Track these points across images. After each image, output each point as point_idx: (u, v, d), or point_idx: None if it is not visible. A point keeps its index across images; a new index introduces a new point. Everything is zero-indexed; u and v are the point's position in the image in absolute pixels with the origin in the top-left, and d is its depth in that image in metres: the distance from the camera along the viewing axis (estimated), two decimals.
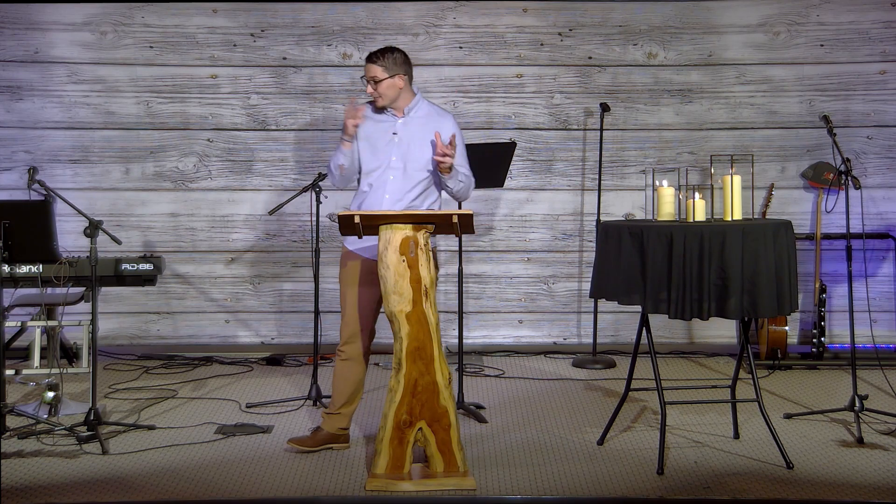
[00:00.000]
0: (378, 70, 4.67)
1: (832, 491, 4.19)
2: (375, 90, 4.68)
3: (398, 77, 4.67)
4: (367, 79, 4.71)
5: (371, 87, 4.70)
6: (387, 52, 4.70)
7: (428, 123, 4.66)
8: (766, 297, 4.35)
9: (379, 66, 4.68)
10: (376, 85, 4.67)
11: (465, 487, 4.19)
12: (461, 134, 4.70)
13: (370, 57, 4.73)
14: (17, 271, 5.33)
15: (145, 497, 4.16)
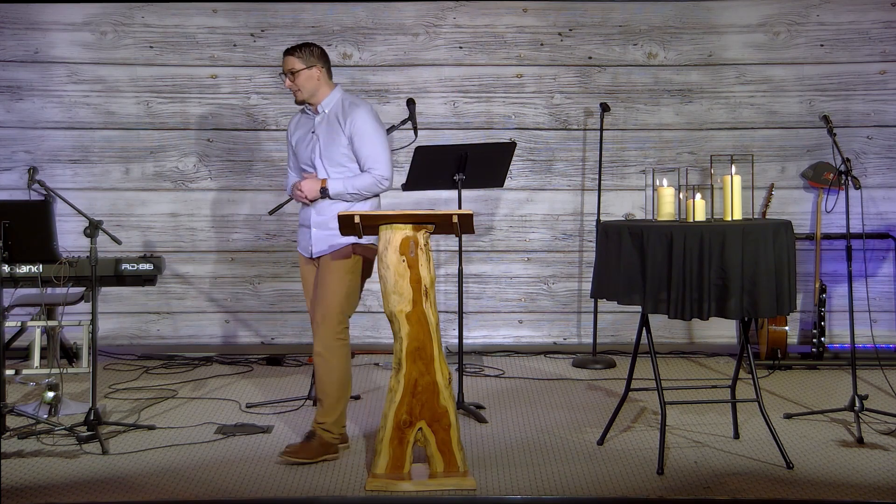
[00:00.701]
0: (295, 62, 4.65)
1: (832, 491, 4.19)
2: (293, 82, 4.64)
3: (315, 69, 4.65)
4: (285, 71, 4.67)
5: (289, 79, 4.66)
6: (304, 45, 4.70)
7: (338, 118, 4.66)
8: (766, 297, 4.35)
9: (296, 58, 4.65)
10: (294, 76, 4.64)
11: (465, 487, 4.19)
12: (371, 124, 4.64)
13: (288, 50, 4.70)
14: (17, 271, 5.33)
15: (145, 497, 4.16)
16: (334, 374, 4.61)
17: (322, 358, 4.61)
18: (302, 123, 4.79)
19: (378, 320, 6.81)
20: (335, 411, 4.64)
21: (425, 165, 5.35)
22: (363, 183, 4.63)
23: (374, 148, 4.63)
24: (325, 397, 4.63)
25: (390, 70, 6.76)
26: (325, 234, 4.67)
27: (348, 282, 4.65)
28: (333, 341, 4.61)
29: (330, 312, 4.60)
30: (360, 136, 4.63)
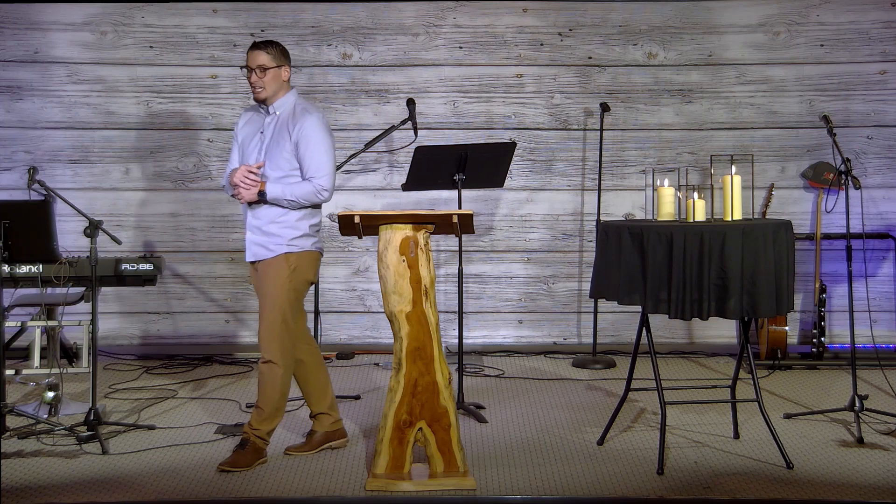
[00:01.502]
0: (266, 58, 4.52)
1: (832, 491, 4.19)
2: (261, 79, 4.51)
3: (284, 68, 4.57)
4: (253, 67, 4.51)
5: (256, 75, 4.51)
6: (274, 43, 4.60)
7: (289, 122, 4.54)
8: (766, 297, 4.35)
9: (267, 55, 4.53)
10: (263, 73, 4.51)
11: (465, 487, 4.19)
12: (320, 133, 4.53)
13: (258, 45, 4.56)
14: (17, 271, 5.33)
15: (145, 497, 4.16)
16: (278, 384, 4.57)
17: (270, 368, 4.54)
18: (252, 120, 4.67)
19: (378, 320, 6.81)
20: (272, 421, 4.60)
21: (425, 165, 5.35)
22: (302, 191, 4.50)
23: (320, 157, 4.51)
24: (266, 406, 4.56)
25: (390, 70, 6.76)
26: (261, 240, 4.56)
27: (287, 290, 4.54)
28: (279, 352, 4.54)
29: (273, 323, 4.52)
30: (306, 143, 4.50)
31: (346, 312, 6.87)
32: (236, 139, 4.71)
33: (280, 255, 4.54)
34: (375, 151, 6.37)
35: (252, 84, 4.56)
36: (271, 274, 4.55)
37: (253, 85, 4.56)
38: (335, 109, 6.76)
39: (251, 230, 4.59)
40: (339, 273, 6.84)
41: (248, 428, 4.59)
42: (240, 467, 4.46)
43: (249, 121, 4.69)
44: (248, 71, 4.55)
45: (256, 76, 4.53)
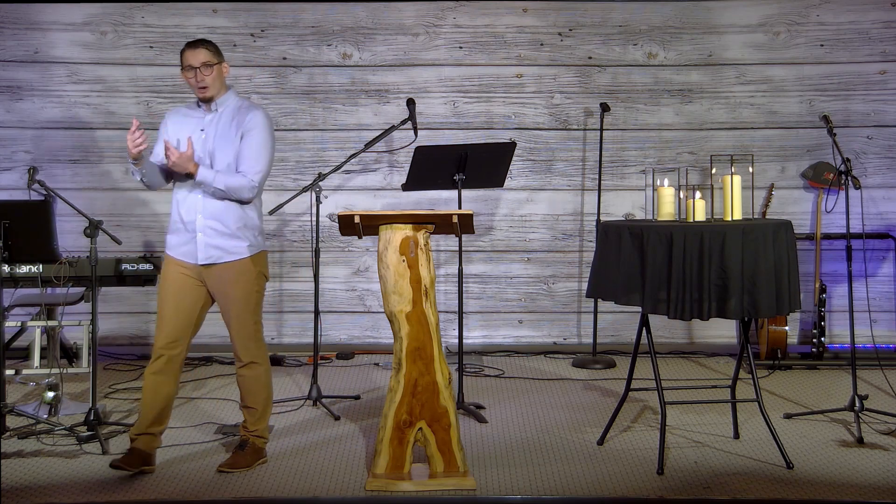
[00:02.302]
0: (208, 55, 4.40)
1: (832, 491, 4.19)
2: (207, 76, 4.38)
3: (224, 65, 4.48)
4: (198, 65, 4.37)
5: (202, 73, 4.37)
6: (209, 41, 4.48)
7: (235, 118, 4.46)
8: (767, 296, 4.35)
9: (209, 52, 4.41)
10: (210, 70, 4.38)
11: (465, 487, 4.19)
12: (265, 130, 4.48)
13: (200, 43, 4.43)
14: (17, 271, 5.34)
15: (145, 497, 4.16)
16: (262, 383, 4.56)
17: (253, 369, 4.51)
18: (185, 121, 4.50)
19: (378, 320, 6.81)
20: (266, 417, 4.61)
21: (425, 165, 5.35)
22: (234, 182, 4.39)
23: (259, 153, 4.45)
24: (259, 404, 4.56)
25: (390, 70, 6.76)
26: (220, 242, 4.42)
27: (257, 292, 4.50)
28: (256, 353, 4.52)
29: (248, 326, 4.48)
30: (249, 137, 4.44)
31: (346, 312, 6.87)
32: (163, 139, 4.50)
33: (246, 258, 4.46)
34: (375, 151, 6.37)
35: (197, 83, 4.40)
36: (240, 278, 4.45)
37: (198, 83, 4.41)
38: (335, 109, 6.76)
39: (202, 231, 4.41)
40: (339, 273, 6.84)
41: (245, 430, 4.59)
42: (240, 468, 4.46)
43: (181, 122, 4.51)
44: (190, 70, 4.39)
45: (202, 74, 4.39)
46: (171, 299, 4.45)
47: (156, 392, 4.45)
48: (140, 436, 4.45)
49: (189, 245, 4.44)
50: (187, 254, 4.45)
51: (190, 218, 4.44)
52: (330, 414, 5.33)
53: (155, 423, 4.47)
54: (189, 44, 4.46)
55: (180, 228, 4.46)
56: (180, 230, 4.46)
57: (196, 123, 4.49)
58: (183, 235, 4.45)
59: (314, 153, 6.77)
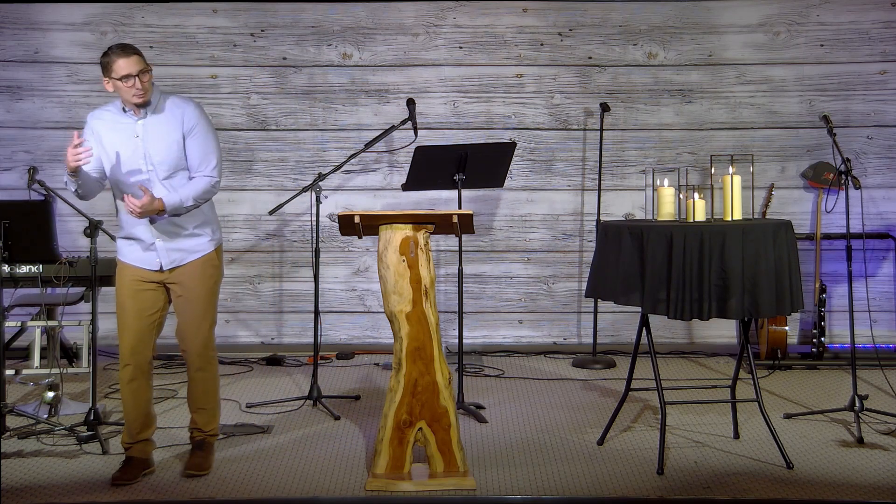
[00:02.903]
0: (143, 61, 4.26)
1: (832, 491, 4.19)
2: (145, 83, 4.24)
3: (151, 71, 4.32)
4: (136, 73, 4.21)
5: (141, 80, 4.22)
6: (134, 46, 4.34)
7: (170, 117, 4.32)
8: (767, 296, 4.35)
9: (142, 57, 4.27)
10: (146, 76, 4.25)
11: (465, 487, 4.19)
12: (205, 122, 4.37)
13: (130, 49, 4.27)
14: (17, 271, 5.33)
15: (145, 497, 4.16)
16: (215, 383, 4.53)
17: (204, 372, 4.46)
18: (116, 127, 4.34)
19: (378, 320, 6.81)
20: (218, 415, 4.59)
21: (425, 165, 5.35)
22: (199, 189, 4.30)
23: (209, 147, 4.35)
24: (211, 405, 4.53)
25: (390, 70, 6.76)
26: (181, 244, 4.36)
27: (217, 289, 4.47)
28: (212, 352, 4.49)
29: (209, 326, 4.44)
30: (195, 136, 4.32)
31: (346, 312, 6.87)
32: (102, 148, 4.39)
33: (207, 253, 4.41)
34: (375, 151, 6.37)
35: (137, 91, 4.23)
36: (204, 275, 4.39)
37: (137, 91, 4.23)
38: (335, 109, 6.76)
39: (161, 238, 4.32)
40: (339, 273, 6.84)
41: (200, 432, 4.52)
42: (206, 470, 4.42)
43: (113, 129, 4.35)
44: (129, 78, 4.21)
45: (140, 81, 4.23)
46: (131, 307, 4.34)
47: (136, 400, 4.40)
48: (133, 444, 4.43)
49: (148, 252, 4.35)
50: (145, 260, 4.35)
51: (140, 224, 4.33)
52: (330, 414, 5.33)
53: (144, 429, 4.44)
54: (119, 51, 4.25)
55: (131, 237, 4.37)
56: (132, 238, 4.37)
57: (128, 130, 4.33)
58: (138, 244, 4.36)
59: (314, 153, 6.77)
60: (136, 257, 4.36)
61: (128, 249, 4.38)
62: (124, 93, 4.26)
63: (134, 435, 4.42)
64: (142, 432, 4.44)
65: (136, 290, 4.35)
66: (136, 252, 4.36)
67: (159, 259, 4.35)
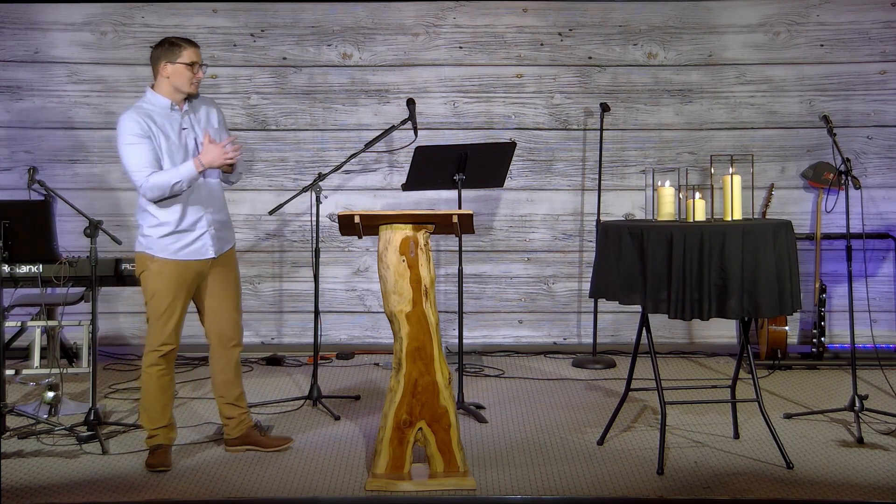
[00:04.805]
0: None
1: (832, 491, 4.19)
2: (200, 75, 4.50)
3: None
4: (200, 63, 4.50)
5: (201, 71, 4.50)
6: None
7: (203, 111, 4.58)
8: (767, 296, 4.35)
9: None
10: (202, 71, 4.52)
11: (465, 487, 4.19)
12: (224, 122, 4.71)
13: (194, 42, 4.53)
14: (17, 271, 5.33)
15: (145, 497, 4.16)
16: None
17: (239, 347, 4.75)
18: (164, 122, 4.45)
19: (378, 320, 6.81)
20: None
21: (425, 165, 5.35)
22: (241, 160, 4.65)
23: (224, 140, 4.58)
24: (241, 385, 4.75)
25: (390, 70, 6.76)
26: (223, 234, 4.64)
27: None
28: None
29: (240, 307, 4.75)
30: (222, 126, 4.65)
31: (346, 312, 6.87)
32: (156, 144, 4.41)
33: (234, 242, 4.77)
34: (375, 151, 6.37)
35: (197, 79, 4.49)
36: (235, 263, 4.73)
37: (198, 80, 4.50)
38: (335, 109, 6.76)
39: (212, 226, 4.54)
40: (339, 273, 6.84)
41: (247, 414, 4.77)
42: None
43: (161, 125, 4.44)
44: (194, 67, 4.47)
45: (201, 73, 4.51)
46: (176, 299, 4.51)
47: (164, 389, 4.57)
48: (159, 430, 4.55)
49: (197, 243, 4.51)
50: (196, 251, 4.52)
51: (196, 216, 4.50)
52: (330, 414, 5.33)
53: (166, 412, 4.59)
54: (187, 41, 4.52)
55: (183, 230, 4.48)
56: (183, 232, 4.48)
57: (176, 122, 4.49)
58: (187, 236, 4.49)
59: (314, 153, 6.77)
60: (186, 251, 4.50)
61: (174, 246, 4.48)
62: (183, 79, 4.46)
63: (157, 420, 4.53)
64: (165, 416, 4.56)
65: (181, 286, 4.52)
66: (185, 245, 4.50)
67: (212, 247, 4.54)
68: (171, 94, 4.48)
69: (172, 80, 4.46)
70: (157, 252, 4.47)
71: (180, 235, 4.48)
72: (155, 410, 4.54)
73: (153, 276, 4.48)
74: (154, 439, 4.55)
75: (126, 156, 4.39)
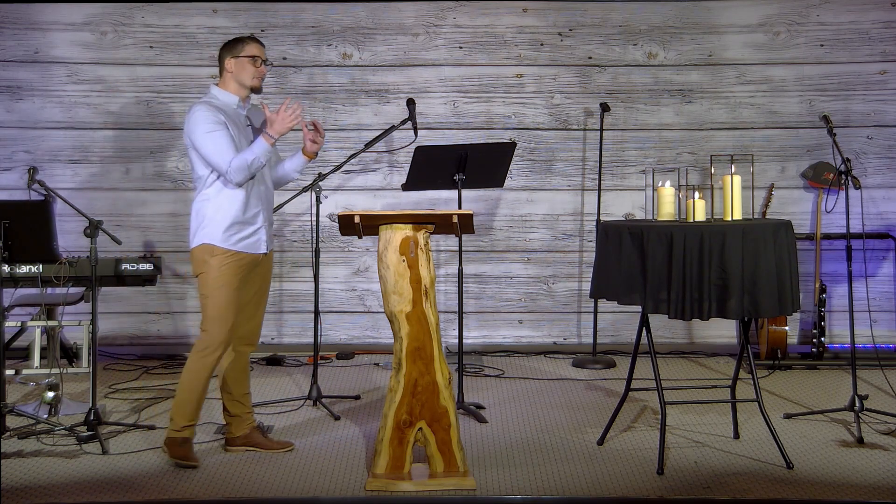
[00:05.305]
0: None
1: (832, 491, 4.19)
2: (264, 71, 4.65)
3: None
4: (264, 59, 4.63)
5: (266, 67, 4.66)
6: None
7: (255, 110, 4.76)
8: (767, 296, 4.35)
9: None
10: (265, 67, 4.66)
11: (465, 487, 4.19)
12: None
13: (258, 38, 4.66)
14: (17, 271, 5.33)
15: (145, 497, 4.16)
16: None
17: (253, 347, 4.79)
18: (233, 116, 4.58)
19: (378, 320, 6.81)
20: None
21: (425, 165, 5.35)
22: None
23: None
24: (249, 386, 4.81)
25: (390, 70, 6.76)
26: (270, 232, 4.74)
27: None
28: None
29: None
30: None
31: (346, 312, 6.87)
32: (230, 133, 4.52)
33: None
34: (375, 151, 6.37)
35: (261, 73, 4.63)
36: (272, 266, 4.82)
37: (261, 74, 4.63)
38: (335, 109, 6.76)
39: (266, 222, 4.65)
40: (339, 273, 6.84)
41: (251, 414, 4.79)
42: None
43: (230, 116, 4.58)
44: (258, 60, 4.61)
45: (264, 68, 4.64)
46: (237, 292, 4.54)
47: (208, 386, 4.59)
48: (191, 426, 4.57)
49: (255, 236, 4.58)
50: (252, 245, 4.57)
51: (256, 210, 4.59)
52: (330, 414, 5.33)
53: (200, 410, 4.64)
54: (254, 38, 4.64)
55: (244, 222, 4.55)
56: (244, 224, 4.55)
57: (241, 118, 4.64)
58: (247, 228, 4.56)
59: None
60: (244, 243, 4.55)
61: (235, 237, 4.53)
62: (247, 73, 4.58)
63: (193, 416, 4.56)
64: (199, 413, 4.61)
65: (243, 278, 4.56)
66: (245, 237, 4.56)
67: (265, 243, 4.63)
68: (237, 90, 4.59)
69: (236, 75, 4.56)
70: (219, 242, 4.51)
71: (242, 227, 4.54)
72: (195, 405, 4.57)
73: (216, 269, 4.52)
74: (183, 432, 4.55)
75: (207, 143, 4.45)
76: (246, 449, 4.69)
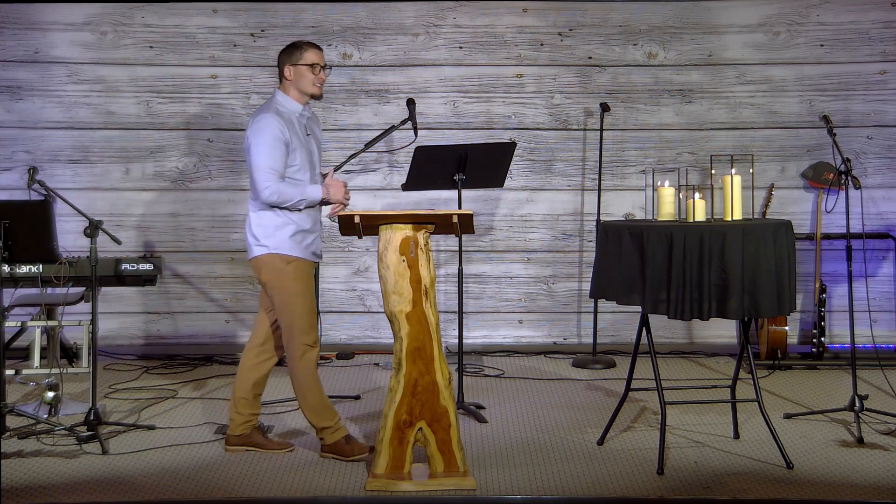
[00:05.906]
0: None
1: (832, 491, 4.19)
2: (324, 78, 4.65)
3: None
4: (323, 65, 4.63)
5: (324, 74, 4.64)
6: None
7: (314, 120, 4.75)
8: (767, 297, 4.35)
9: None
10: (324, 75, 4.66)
11: (465, 487, 4.19)
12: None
13: (316, 44, 4.66)
14: (17, 271, 5.33)
15: (145, 497, 4.16)
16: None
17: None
18: (292, 126, 4.53)
19: (378, 320, 6.81)
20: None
21: (425, 165, 5.35)
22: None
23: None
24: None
25: (390, 70, 6.76)
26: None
27: None
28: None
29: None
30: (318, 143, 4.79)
31: (346, 312, 6.87)
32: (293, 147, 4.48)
33: None
34: (375, 151, 6.37)
35: (321, 81, 4.61)
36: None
37: (321, 81, 4.62)
38: (335, 109, 6.76)
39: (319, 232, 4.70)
40: (339, 273, 6.84)
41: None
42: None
43: (290, 128, 4.51)
44: (317, 67, 4.60)
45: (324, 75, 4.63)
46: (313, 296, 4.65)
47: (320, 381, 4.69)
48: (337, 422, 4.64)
49: (317, 242, 4.66)
50: (316, 252, 4.67)
51: (314, 217, 4.63)
52: None
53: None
54: (312, 43, 4.63)
55: (307, 230, 4.57)
56: (307, 231, 4.58)
57: (302, 127, 4.60)
58: (310, 236, 4.60)
59: None
60: (310, 251, 4.61)
61: (303, 243, 4.57)
62: (307, 80, 4.57)
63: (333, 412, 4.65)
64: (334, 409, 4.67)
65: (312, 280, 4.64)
66: (310, 243, 4.61)
67: (321, 251, 4.73)
68: (298, 97, 4.60)
69: (295, 83, 4.58)
70: (289, 251, 4.51)
71: (306, 234, 4.57)
72: (326, 403, 4.63)
73: (292, 276, 4.53)
74: (338, 432, 4.60)
75: (261, 153, 4.43)
76: (246, 449, 4.69)
